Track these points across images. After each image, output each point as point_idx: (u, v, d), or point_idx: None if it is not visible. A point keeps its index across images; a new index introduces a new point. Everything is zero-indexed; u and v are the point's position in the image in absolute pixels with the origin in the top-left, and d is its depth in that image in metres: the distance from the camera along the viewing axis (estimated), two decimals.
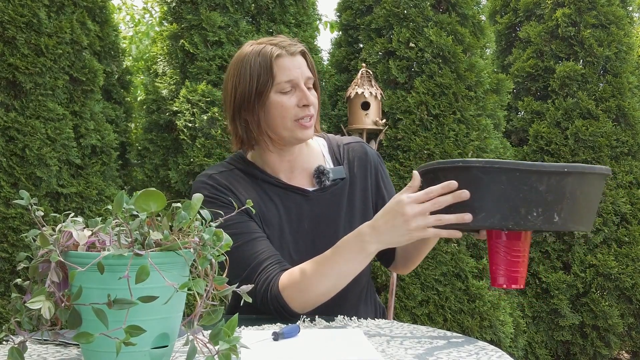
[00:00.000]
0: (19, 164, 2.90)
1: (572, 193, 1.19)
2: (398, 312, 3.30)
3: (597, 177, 1.24)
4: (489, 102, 3.58)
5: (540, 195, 1.17)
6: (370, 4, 3.65)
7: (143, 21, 6.42)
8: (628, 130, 4.19)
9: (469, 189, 1.21)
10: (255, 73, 1.52)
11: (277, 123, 1.55)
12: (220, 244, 0.98)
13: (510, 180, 1.17)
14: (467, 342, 1.22)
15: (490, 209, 1.19)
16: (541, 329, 4.02)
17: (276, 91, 1.53)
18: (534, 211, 1.18)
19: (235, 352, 0.93)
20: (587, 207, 1.23)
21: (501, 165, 1.18)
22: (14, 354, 0.93)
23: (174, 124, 3.33)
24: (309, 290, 1.42)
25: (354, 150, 1.69)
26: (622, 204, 4.07)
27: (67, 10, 3.11)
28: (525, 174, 1.17)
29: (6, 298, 2.86)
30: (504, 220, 1.19)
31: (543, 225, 1.19)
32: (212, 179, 1.57)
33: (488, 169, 1.18)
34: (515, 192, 1.17)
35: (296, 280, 1.43)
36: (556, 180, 1.17)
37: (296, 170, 1.63)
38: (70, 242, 0.95)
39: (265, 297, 1.44)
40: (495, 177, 1.18)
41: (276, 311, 1.44)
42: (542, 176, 1.17)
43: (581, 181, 1.20)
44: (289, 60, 1.53)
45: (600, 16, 4.18)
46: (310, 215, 1.59)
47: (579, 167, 1.19)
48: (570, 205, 1.19)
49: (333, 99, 3.68)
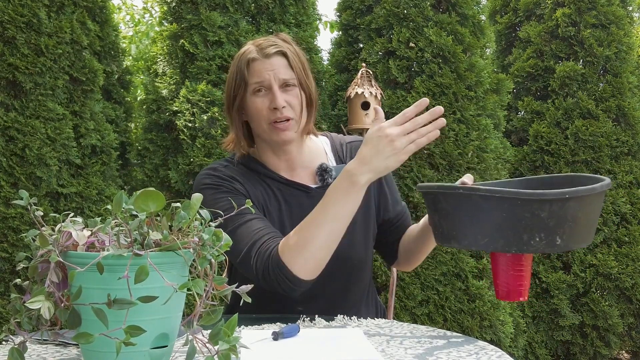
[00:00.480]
0: (18, 163, 2.90)
1: (573, 216, 1.18)
2: (398, 312, 3.30)
3: (598, 195, 1.22)
4: (489, 102, 3.58)
5: (543, 221, 1.16)
6: (370, 4, 3.65)
7: (143, 21, 6.42)
8: (628, 130, 4.19)
9: (471, 215, 1.20)
10: (234, 77, 1.59)
11: (255, 125, 1.59)
12: (219, 244, 0.98)
13: (512, 208, 1.16)
14: (467, 342, 1.22)
15: (493, 235, 1.19)
16: (541, 328, 4.02)
17: (251, 94, 1.57)
18: (536, 237, 1.17)
19: (235, 352, 0.93)
20: (588, 225, 1.23)
21: (502, 194, 1.17)
22: (14, 354, 0.93)
23: (174, 123, 3.33)
24: (307, 245, 1.39)
25: (357, 148, 1.69)
26: (622, 204, 4.07)
27: (67, 10, 3.11)
28: (526, 202, 1.16)
29: (6, 298, 2.86)
30: (507, 246, 1.19)
31: (546, 249, 1.18)
32: (216, 171, 1.60)
33: (489, 198, 1.18)
34: (517, 220, 1.17)
35: (292, 239, 1.42)
36: (557, 206, 1.16)
37: (297, 169, 1.64)
38: (70, 242, 0.95)
39: (266, 268, 1.43)
40: (497, 205, 1.17)
41: (278, 281, 1.42)
42: (543, 204, 1.16)
43: (582, 203, 1.19)
44: (261, 63, 1.55)
45: (600, 16, 4.17)
46: (311, 211, 1.59)
47: (580, 192, 1.17)
48: (572, 228, 1.18)
49: (333, 99, 3.68)
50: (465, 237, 1.22)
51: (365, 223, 1.64)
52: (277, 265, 1.41)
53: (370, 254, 1.69)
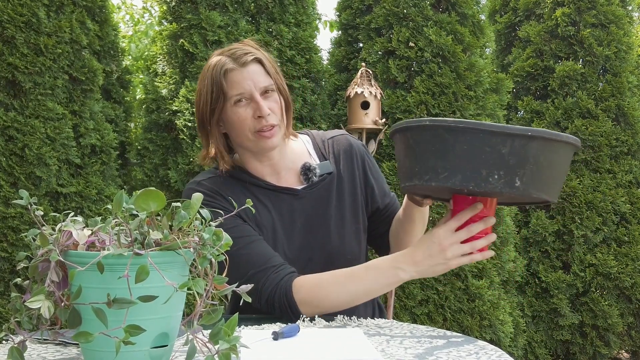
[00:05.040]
0: (18, 163, 2.90)
1: (535, 158, 1.16)
2: (398, 311, 3.30)
3: (563, 145, 1.20)
4: (488, 101, 3.58)
5: (503, 158, 1.15)
6: (370, 4, 3.65)
7: (142, 20, 6.42)
8: (628, 129, 4.19)
9: (435, 148, 1.19)
10: (209, 89, 1.54)
11: (239, 135, 1.55)
12: (219, 243, 0.98)
13: (473, 141, 1.15)
14: (466, 342, 1.22)
15: (452, 168, 1.17)
16: (541, 328, 4.02)
17: (231, 105, 1.53)
18: (495, 174, 1.15)
19: (235, 351, 0.93)
20: (552, 175, 1.20)
21: (466, 125, 1.16)
22: (13, 354, 0.93)
23: (173, 123, 3.33)
24: (326, 298, 1.43)
25: (339, 143, 1.69)
26: (621, 204, 4.07)
27: (66, 10, 3.11)
28: (488, 135, 1.14)
29: (6, 297, 2.86)
30: (464, 181, 1.17)
31: (504, 189, 1.16)
32: (201, 186, 1.57)
33: (453, 128, 1.16)
34: (477, 153, 1.15)
35: (314, 285, 1.44)
36: (520, 143, 1.14)
37: (282, 172, 1.63)
38: (70, 242, 0.95)
39: (271, 295, 1.44)
40: (459, 136, 1.16)
41: (281, 310, 1.44)
42: (505, 138, 1.14)
43: (546, 147, 1.17)
44: (239, 73, 1.52)
45: (600, 15, 4.17)
46: (301, 213, 1.59)
47: (544, 132, 1.16)
48: (533, 171, 1.16)
49: (333, 99, 3.68)
50: (426, 172, 1.21)
51: (354, 217, 1.64)
52: (287, 298, 1.44)
53: (364, 248, 1.69)
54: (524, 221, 4.16)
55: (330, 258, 1.59)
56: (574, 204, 4.03)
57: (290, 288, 1.44)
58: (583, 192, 4.03)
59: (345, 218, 1.61)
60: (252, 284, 1.39)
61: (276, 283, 1.45)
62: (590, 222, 4.00)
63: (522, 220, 4.16)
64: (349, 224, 1.63)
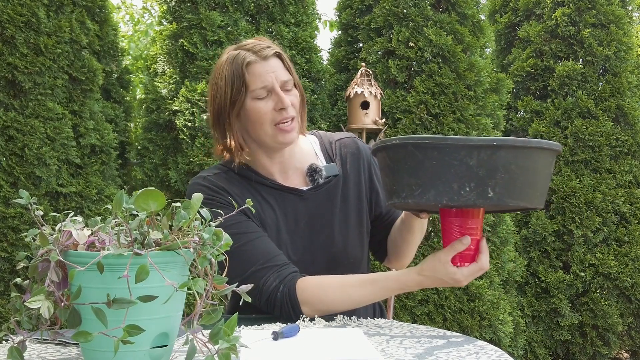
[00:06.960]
0: (18, 163, 2.90)
1: (505, 167, 1.15)
2: (397, 311, 3.30)
3: (536, 151, 1.19)
4: (488, 101, 3.58)
5: (472, 169, 1.15)
6: (370, 4, 3.65)
7: (142, 20, 6.42)
8: (627, 129, 4.19)
9: (408, 166, 1.20)
10: (230, 82, 1.53)
11: (257, 129, 1.55)
12: (219, 243, 0.98)
13: (441, 156, 1.15)
14: (466, 342, 1.22)
15: (424, 184, 1.18)
16: (541, 328, 4.02)
17: (252, 98, 1.53)
18: (466, 186, 1.15)
19: (235, 351, 0.93)
20: (529, 182, 1.19)
21: (432, 140, 1.16)
22: (13, 354, 0.93)
23: (173, 123, 3.33)
24: (331, 303, 1.44)
25: (346, 145, 1.69)
26: (621, 204, 4.07)
27: (66, 10, 3.11)
28: (454, 148, 1.15)
29: (6, 297, 2.86)
30: (438, 196, 1.17)
31: (477, 201, 1.16)
32: (206, 181, 1.57)
33: (420, 145, 1.17)
34: (446, 167, 1.15)
35: (319, 288, 1.45)
36: (486, 154, 1.14)
37: (289, 171, 1.63)
38: (70, 242, 0.95)
39: (273, 293, 1.44)
40: (427, 153, 1.16)
41: (282, 309, 1.44)
42: (471, 150, 1.14)
43: (516, 155, 1.16)
44: (261, 66, 1.52)
45: (600, 15, 4.18)
46: (306, 214, 1.59)
47: (510, 141, 1.15)
48: (505, 180, 1.16)
49: (333, 99, 3.68)
50: (403, 190, 1.22)
51: (358, 220, 1.64)
52: (290, 298, 1.44)
53: (366, 251, 1.69)
54: (524, 221, 4.16)
55: (333, 260, 1.58)
56: (574, 204, 4.03)
57: (294, 287, 1.44)
58: (583, 192, 4.03)
59: (349, 221, 1.61)
60: (253, 280, 1.38)
61: (279, 281, 1.45)
62: (590, 222, 4.00)
63: (522, 220, 4.16)
64: (353, 227, 1.62)
